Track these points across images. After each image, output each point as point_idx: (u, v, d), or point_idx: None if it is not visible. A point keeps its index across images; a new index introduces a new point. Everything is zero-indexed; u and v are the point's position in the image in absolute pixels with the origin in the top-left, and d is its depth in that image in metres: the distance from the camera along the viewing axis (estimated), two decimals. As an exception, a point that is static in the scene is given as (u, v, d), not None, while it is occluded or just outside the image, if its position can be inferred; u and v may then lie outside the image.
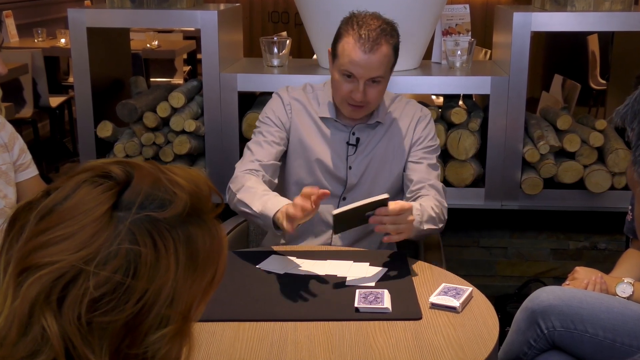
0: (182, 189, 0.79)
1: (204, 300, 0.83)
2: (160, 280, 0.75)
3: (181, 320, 0.78)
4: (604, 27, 2.83)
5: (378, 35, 1.95)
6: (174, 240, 0.77)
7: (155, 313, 0.76)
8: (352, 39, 1.96)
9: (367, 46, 1.94)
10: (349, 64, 1.97)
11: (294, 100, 2.17)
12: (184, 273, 0.78)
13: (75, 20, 2.81)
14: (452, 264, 2.12)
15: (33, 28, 5.82)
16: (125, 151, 2.81)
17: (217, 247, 0.83)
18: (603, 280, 1.92)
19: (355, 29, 1.96)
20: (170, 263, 0.76)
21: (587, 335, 1.76)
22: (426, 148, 2.15)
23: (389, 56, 1.99)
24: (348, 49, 1.96)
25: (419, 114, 2.18)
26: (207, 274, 0.81)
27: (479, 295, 1.71)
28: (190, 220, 0.79)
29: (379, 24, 1.98)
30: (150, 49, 5.48)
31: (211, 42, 2.78)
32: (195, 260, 0.79)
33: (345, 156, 2.14)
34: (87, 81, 2.85)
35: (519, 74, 2.72)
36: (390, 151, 2.14)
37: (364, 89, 1.99)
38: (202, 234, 0.80)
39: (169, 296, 0.76)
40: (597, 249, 2.98)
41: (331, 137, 2.14)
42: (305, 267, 1.83)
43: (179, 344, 0.80)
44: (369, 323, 1.55)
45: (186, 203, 0.78)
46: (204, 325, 1.55)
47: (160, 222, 0.76)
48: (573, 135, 2.75)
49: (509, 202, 2.82)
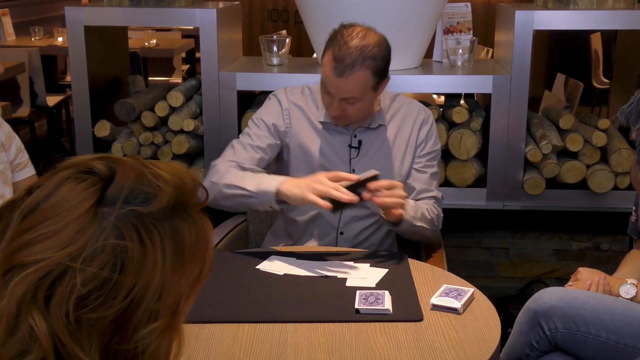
0: (166, 183, 0.79)
1: (191, 294, 0.83)
2: (148, 275, 0.76)
3: (170, 315, 0.79)
4: (607, 26, 2.83)
5: (354, 60, 1.91)
6: (160, 234, 0.77)
7: (144, 308, 0.76)
8: (330, 57, 1.94)
9: (339, 69, 1.92)
10: (325, 79, 1.98)
11: (293, 105, 2.14)
12: (172, 267, 0.78)
13: (72, 19, 2.81)
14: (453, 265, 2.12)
15: (30, 26, 5.82)
16: (123, 151, 2.81)
17: (204, 240, 0.83)
18: (606, 281, 1.92)
19: (335, 47, 1.93)
20: (157, 257, 0.76)
21: (590, 337, 1.76)
22: (429, 154, 2.15)
23: (366, 80, 1.94)
24: (325, 66, 1.96)
25: (422, 115, 2.17)
26: (194, 267, 0.82)
27: (481, 296, 1.71)
28: (176, 213, 0.79)
29: (361, 45, 1.91)
30: (149, 48, 5.48)
31: (210, 40, 2.77)
32: (182, 254, 0.79)
33: (349, 159, 2.12)
34: (84, 80, 2.85)
35: (521, 73, 2.72)
36: (394, 153, 2.13)
37: (339, 105, 1.98)
38: (188, 228, 0.80)
39: (157, 290, 0.76)
40: (600, 250, 2.98)
41: (333, 141, 2.11)
42: (305, 268, 1.83)
43: (168, 339, 0.80)
44: (370, 324, 1.55)
45: (171, 196, 0.78)
46: (202, 327, 1.55)
47: (145, 216, 0.76)
48: (576, 135, 2.75)
49: (511, 202, 2.82)
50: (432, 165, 2.15)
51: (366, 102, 2.01)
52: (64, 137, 5.61)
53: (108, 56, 3.17)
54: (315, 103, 2.14)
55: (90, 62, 2.86)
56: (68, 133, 5.55)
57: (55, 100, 5.11)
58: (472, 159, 2.80)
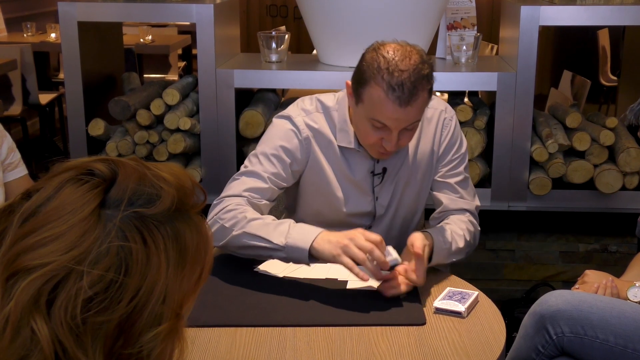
0: (168, 184, 0.81)
1: (192, 296, 0.85)
2: (153, 278, 0.77)
3: (174, 318, 0.80)
4: (615, 21, 2.82)
5: (414, 85, 1.70)
6: (163, 236, 0.78)
7: (149, 311, 0.77)
8: (383, 91, 1.71)
9: (404, 99, 1.70)
10: (381, 116, 1.74)
11: (311, 129, 1.92)
12: (175, 269, 0.79)
13: (65, 14, 2.81)
14: (457, 267, 2.12)
15: (22, 22, 5.82)
16: (117, 150, 2.81)
17: (204, 242, 0.84)
18: (614, 284, 1.92)
19: (385, 78, 1.70)
20: (160, 260, 0.78)
21: (598, 341, 1.76)
22: (454, 160, 1.98)
23: (425, 101, 1.77)
24: (379, 101, 1.72)
25: (443, 117, 1.98)
26: (195, 269, 0.83)
27: (485, 299, 1.71)
28: (177, 216, 0.81)
29: (413, 65, 1.71)
30: (144, 44, 5.48)
31: (207, 36, 2.77)
32: (184, 256, 0.81)
33: (371, 188, 1.96)
34: (78, 77, 2.85)
35: (527, 70, 2.72)
36: (418, 171, 1.98)
37: (397, 136, 1.78)
38: (189, 230, 0.82)
39: (161, 293, 0.78)
40: (608, 252, 2.98)
41: (354, 168, 1.94)
42: (305, 270, 1.83)
43: (172, 343, 0.81)
44: (371, 329, 1.55)
45: (174, 197, 0.80)
46: (199, 331, 1.55)
47: (148, 218, 0.78)
48: (583, 134, 2.75)
49: (516, 203, 2.82)
50: (458, 173, 1.98)
51: (418, 125, 1.85)
52: (57, 136, 5.61)
53: (102, 53, 3.17)
54: (332, 122, 1.93)
55: (84, 59, 2.86)
56: (61, 132, 5.55)
57: (48, 98, 5.11)
58: (477, 159, 2.80)
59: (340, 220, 1.99)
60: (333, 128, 1.93)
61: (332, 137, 1.92)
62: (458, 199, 1.97)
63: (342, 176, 1.95)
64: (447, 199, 1.97)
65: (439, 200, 1.98)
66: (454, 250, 1.85)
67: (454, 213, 1.95)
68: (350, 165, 1.94)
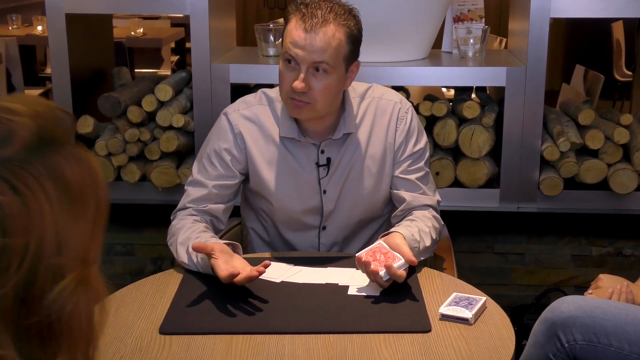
0: (19, 115, 0.72)
1: (95, 239, 0.77)
2: (38, 228, 0.70)
3: (78, 267, 0.73)
4: (630, 14, 2.82)
5: (325, 18, 1.82)
6: (36, 177, 0.70)
7: (44, 267, 0.70)
8: (295, 18, 1.85)
9: (309, 24, 1.82)
10: (289, 44, 1.84)
11: (246, 121, 1.99)
12: (61, 211, 0.72)
13: (52, 6, 2.81)
14: (464, 272, 2.12)
15: (7, 14, 5.82)
16: (107, 148, 2.81)
17: (89, 173, 0.77)
18: (629, 289, 1.92)
19: (301, 8, 1.85)
20: (41, 205, 0.70)
21: (612, 350, 1.76)
22: (412, 156, 2.02)
23: (339, 41, 1.83)
24: (290, 29, 1.85)
25: (398, 109, 2.02)
26: (88, 206, 0.76)
27: (494, 305, 1.71)
28: (46, 149, 0.73)
29: (331, 5, 1.85)
30: (135, 37, 5.48)
31: (201, 29, 2.78)
32: (68, 192, 0.73)
33: (317, 180, 1.99)
34: (66, 72, 2.86)
35: (537, 65, 2.72)
36: (369, 165, 2.00)
37: (305, 76, 1.83)
38: (66, 161, 0.74)
39: (53, 243, 0.71)
40: (623, 255, 2.98)
41: (297, 161, 1.98)
42: (304, 275, 1.83)
43: (85, 297, 0.74)
44: (374, 336, 1.55)
45: (31, 128, 0.71)
46: (193, 338, 1.55)
47: (10, 161, 0.70)
48: (596, 131, 2.75)
49: (526, 204, 2.82)
50: (419, 169, 2.02)
51: (335, 81, 1.86)
52: (44, 134, 5.61)
53: (91, 46, 3.17)
54: (274, 113, 2.00)
55: (72, 53, 2.86)
56: (48, 129, 5.55)
57: (35, 94, 5.12)
58: (484, 158, 2.80)
59: (290, 218, 2.03)
60: (275, 119, 1.99)
61: (274, 129, 1.99)
62: (420, 195, 2.01)
63: (286, 170, 1.99)
64: (409, 195, 2.00)
65: (401, 198, 2.01)
66: (422, 249, 1.89)
67: (416, 209, 2.00)
68: (295, 157, 1.99)
